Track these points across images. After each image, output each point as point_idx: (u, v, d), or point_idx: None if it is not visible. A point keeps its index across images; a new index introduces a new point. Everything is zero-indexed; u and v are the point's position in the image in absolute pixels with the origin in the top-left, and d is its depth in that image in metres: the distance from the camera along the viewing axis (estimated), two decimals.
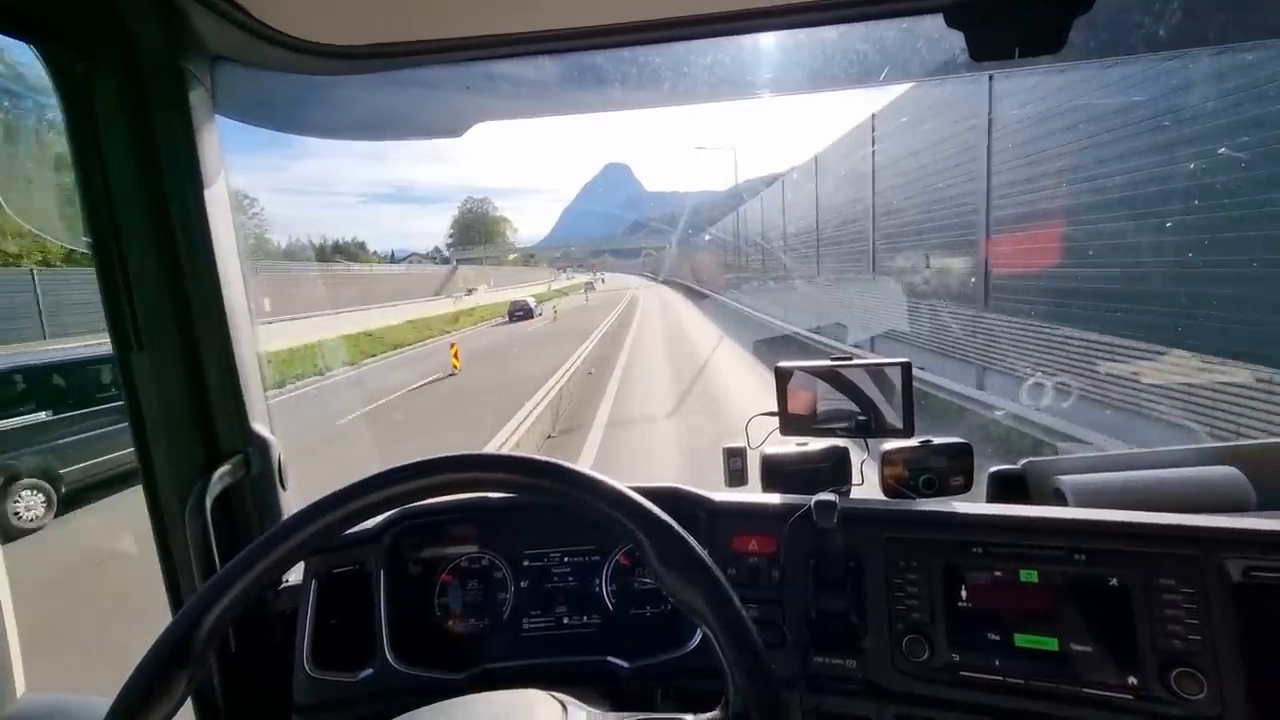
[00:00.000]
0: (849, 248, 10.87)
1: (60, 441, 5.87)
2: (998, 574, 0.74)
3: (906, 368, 0.93)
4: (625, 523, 0.50)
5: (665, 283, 50.02)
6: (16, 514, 5.41)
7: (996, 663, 0.72)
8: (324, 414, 8.91)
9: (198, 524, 0.81)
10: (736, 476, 1.11)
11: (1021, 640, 0.72)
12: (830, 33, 0.97)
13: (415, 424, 8.36)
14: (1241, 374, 3.84)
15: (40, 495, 5.64)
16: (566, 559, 0.98)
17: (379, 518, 0.94)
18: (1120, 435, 4.70)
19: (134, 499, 0.85)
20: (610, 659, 0.85)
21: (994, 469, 1.06)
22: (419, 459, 0.52)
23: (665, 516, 0.49)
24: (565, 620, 0.95)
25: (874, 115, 9.47)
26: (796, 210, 14.22)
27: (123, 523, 4.89)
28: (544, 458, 0.52)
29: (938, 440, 1.03)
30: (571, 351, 12.67)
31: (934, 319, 7.91)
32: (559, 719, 0.50)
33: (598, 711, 0.51)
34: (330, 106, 1.00)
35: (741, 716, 0.46)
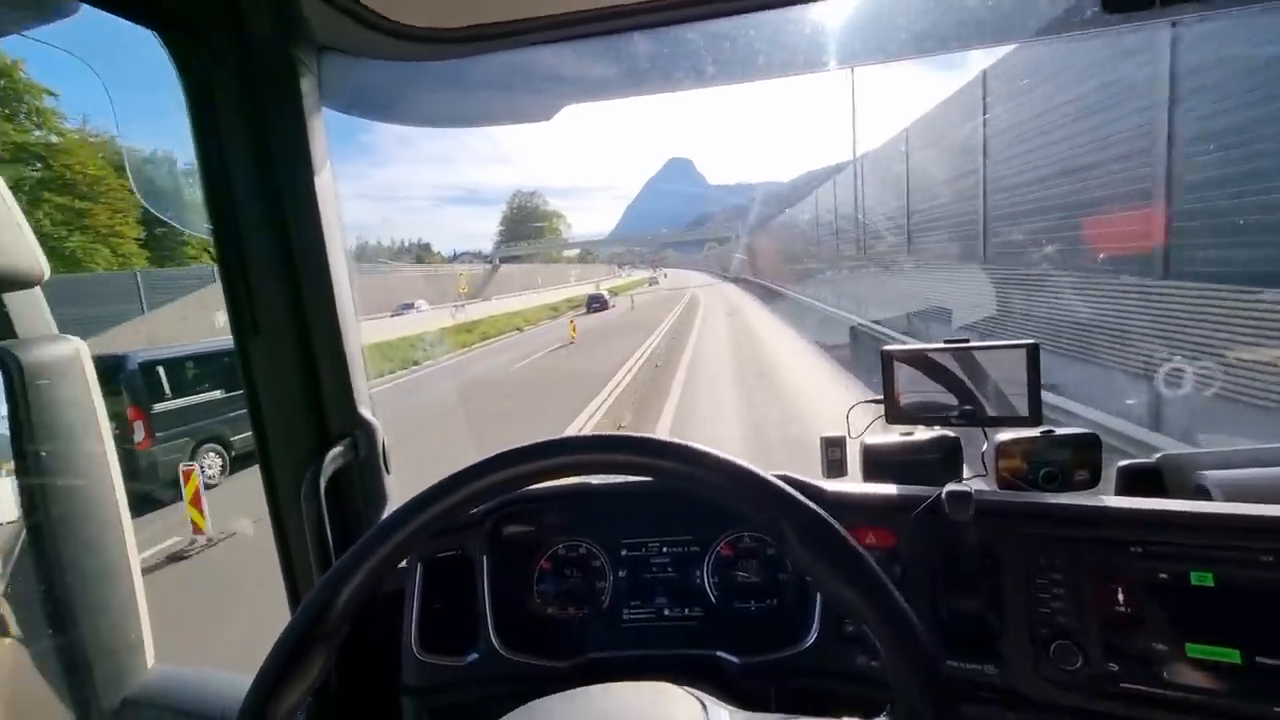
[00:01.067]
0: (953, 229, 9.43)
1: (229, 414, 7.15)
2: (1163, 576, 0.67)
3: (1033, 350, 0.86)
4: (765, 508, 0.47)
5: (734, 280, 45.59)
6: (203, 470, 6.45)
7: (1164, 675, 0.65)
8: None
9: (313, 503, 0.84)
10: (835, 467, 1.06)
11: (1194, 651, 0.64)
12: None
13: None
14: None
15: (217, 457, 7.13)
16: (665, 549, 0.95)
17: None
18: None
19: None
20: (719, 654, 0.82)
21: (1124, 463, 0.97)
22: (556, 437, 0.50)
23: (811, 504, 0.46)
24: (666, 611, 0.93)
25: (985, 71, 7.95)
26: (882, 192, 12.89)
27: None
28: (677, 440, 0.49)
29: (1061, 430, 0.95)
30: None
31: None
32: (699, 717, 0.47)
33: (739, 713, 0.48)
34: (426, 94, 1.01)
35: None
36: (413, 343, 17.83)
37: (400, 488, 0.99)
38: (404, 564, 0.95)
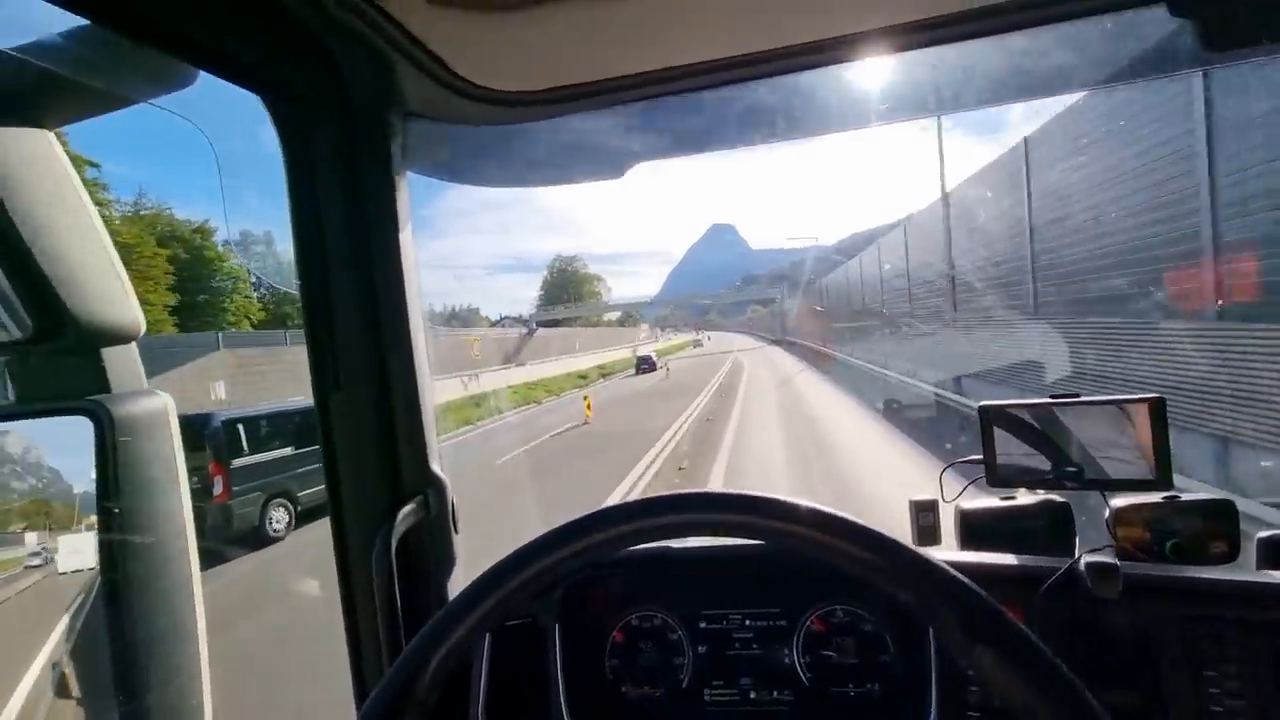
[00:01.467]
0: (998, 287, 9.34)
1: (297, 470, 7.76)
2: None
3: (1158, 404, 0.78)
4: (916, 589, 0.40)
5: (779, 343, 44.39)
6: (271, 523, 7.43)
7: None
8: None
9: (384, 562, 0.81)
10: (927, 534, 0.98)
11: None
12: (1019, 39, 0.89)
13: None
14: None
15: (284, 512, 7.62)
16: (749, 622, 0.88)
17: None
18: None
19: None
20: None
21: (1265, 534, 0.85)
22: (677, 493, 0.46)
23: (977, 588, 0.39)
24: (753, 694, 0.85)
25: (1026, 139, 8.30)
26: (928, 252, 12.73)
27: None
28: (789, 498, 0.44)
29: (1189, 496, 0.85)
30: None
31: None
32: None
33: None
34: (502, 156, 1.04)
35: None
36: None
37: (469, 551, 0.95)
38: None
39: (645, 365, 31.26)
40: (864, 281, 19.60)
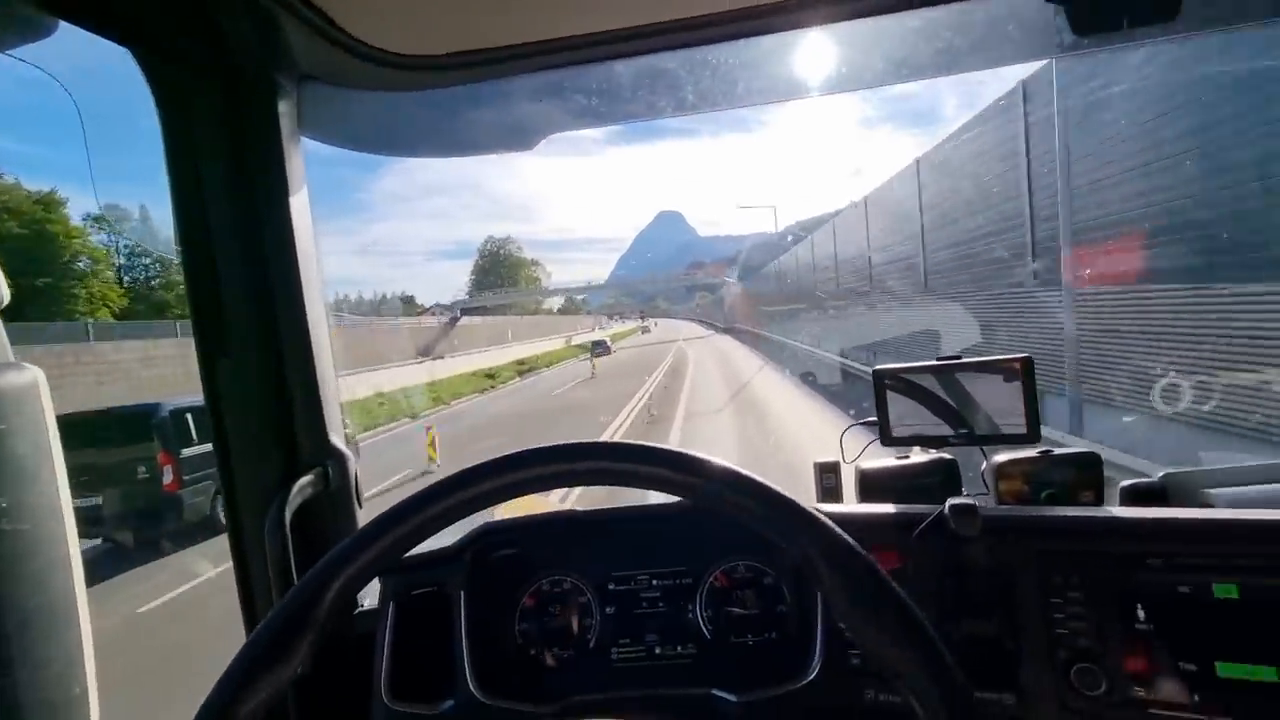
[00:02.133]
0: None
1: None
2: (1184, 590, 0.63)
3: (1028, 364, 0.84)
4: (795, 538, 0.42)
5: (728, 331, 41.11)
6: (223, 512, 6.99)
7: (1195, 698, 0.60)
8: None
9: (277, 536, 0.79)
10: (830, 494, 1.02)
11: (1226, 670, 0.59)
12: (914, 19, 0.93)
13: None
14: None
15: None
16: (655, 581, 0.90)
17: (458, 534, 0.89)
18: None
19: None
20: (715, 692, 0.76)
21: (1127, 483, 0.93)
22: (568, 442, 0.46)
23: (850, 540, 0.42)
24: (658, 649, 0.87)
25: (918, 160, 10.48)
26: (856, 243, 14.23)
27: None
28: (698, 453, 0.45)
29: (1061, 450, 0.93)
30: None
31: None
32: None
33: None
34: (405, 124, 1.01)
35: None
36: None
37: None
38: (376, 604, 0.89)
39: (600, 349, 32.94)
40: (800, 267, 20.63)
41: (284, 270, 0.84)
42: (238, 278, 0.81)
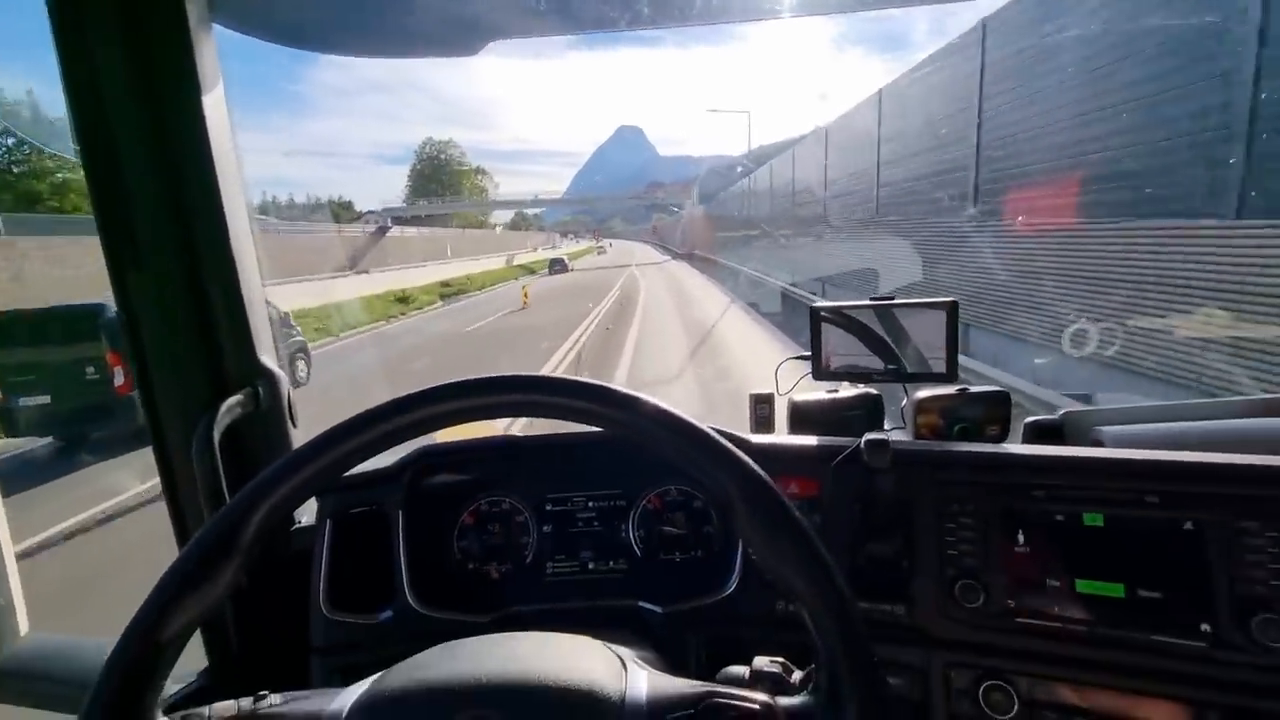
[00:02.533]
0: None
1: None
2: (1059, 518, 0.70)
3: (953, 308, 0.88)
4: (708, 468, 0.45)
5: (686, 257, 37.78)
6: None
7: (1056, 609, 0.69)
8: None
9: (205, 458, 0.77)
10: (763, 424, 1.07)
11: (1084, 586, 0.68)
12: None
13: None
14: None
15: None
16: (591, 503, 0.94)
17: (398, 454, 0.90)
18: None
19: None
20: (642, 604, 0.82)
21: (1030, 419, 1.02)
22: (484, 375, 0.47)
23: (761, 472, 0.44)
24: (591, 565, 0.92)
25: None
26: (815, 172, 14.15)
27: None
28: (628, 390, 0.46)
29: (975, 388, 0.99)
30: None
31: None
32: (618, 676, 0.46)
33: (658, 674, 0.47)
34: (329, 16, 0.91)
35: (833, 702, 0.41)
36: None
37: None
38: (314, 522, 0.90)
39: (558, 266, 34.81)
40: (759, 195, 20.27)
41: (199, 174, 0.78)
42: (147, 183, 0.74)
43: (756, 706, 0.42)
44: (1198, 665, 0.63)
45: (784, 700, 0.43)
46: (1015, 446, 0.81)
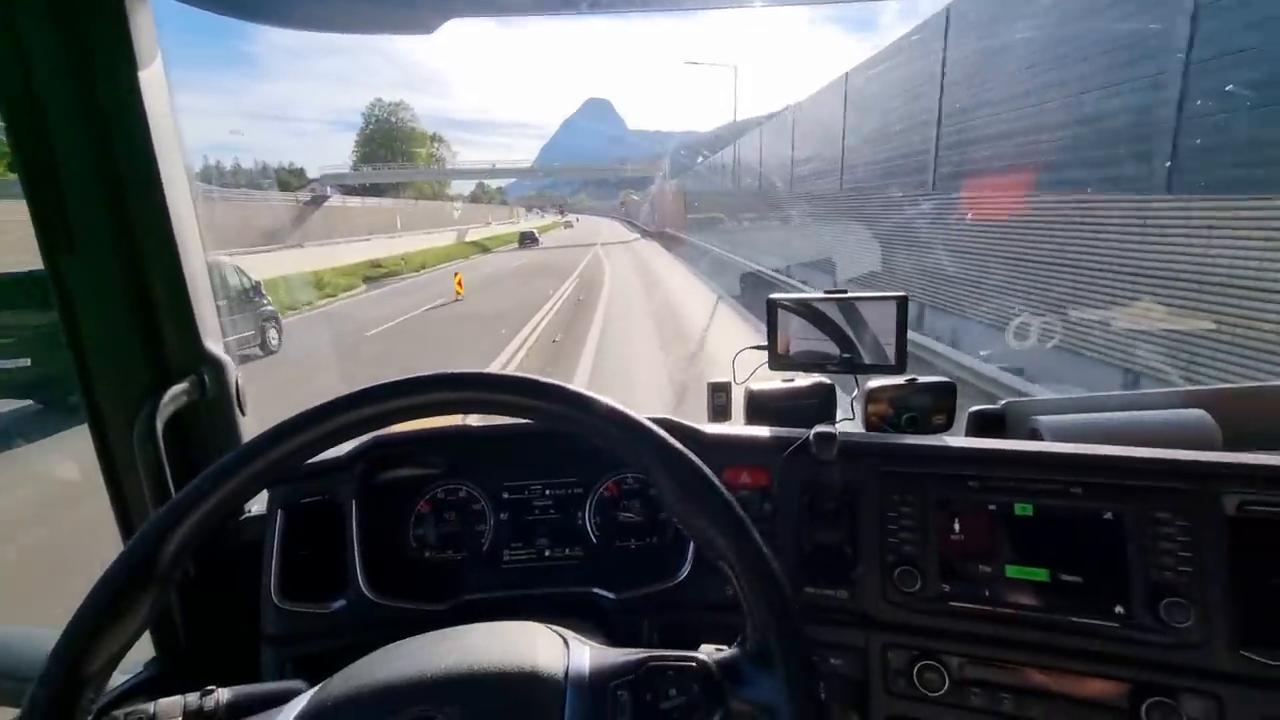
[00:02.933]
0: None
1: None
2: (991, 507, 0.74)
3: (902, 302, 0.90)
4: (639, 453, 0.46)
5: (659, 236, 34.81)
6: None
7: (986, 593, 0.73)
8: None
9: (149, 449, 0.75)
10: (720, 412, 1.09)
11: (1012, 571, 0.73)
12: None
13: None
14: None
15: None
16: (548, 491, 0.95)
17: (350, 445, 0.89)
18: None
19: None
20: (596, 590, 0.84)
21: (974, 409, 1.06)
22: (408, 375, 0.47)
23: (684, 449, 0.46)
24: (547, 552, 0.93)
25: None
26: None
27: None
28: (550, 379, 0.47)
29: (923, 379, 1.02)
30: None
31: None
32: (560, 654, 0.47)
33: (600, 648, 0.49)
34: None
35: (761, 654, 0.44)
36: None
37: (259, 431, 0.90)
38: (264, 512, 0.88)
39: (529, 240, 35.57)
40: (729, 173, 20.27)
41: (138, 153, 0.74)
42: (77, 157, 0.70)
43: (693, 664, 0.44)
44: (1112, 644, 0.68)
45: (717, 655, 0.46)
46: (955, 440, 0.84)
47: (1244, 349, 3.89)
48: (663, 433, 0.46)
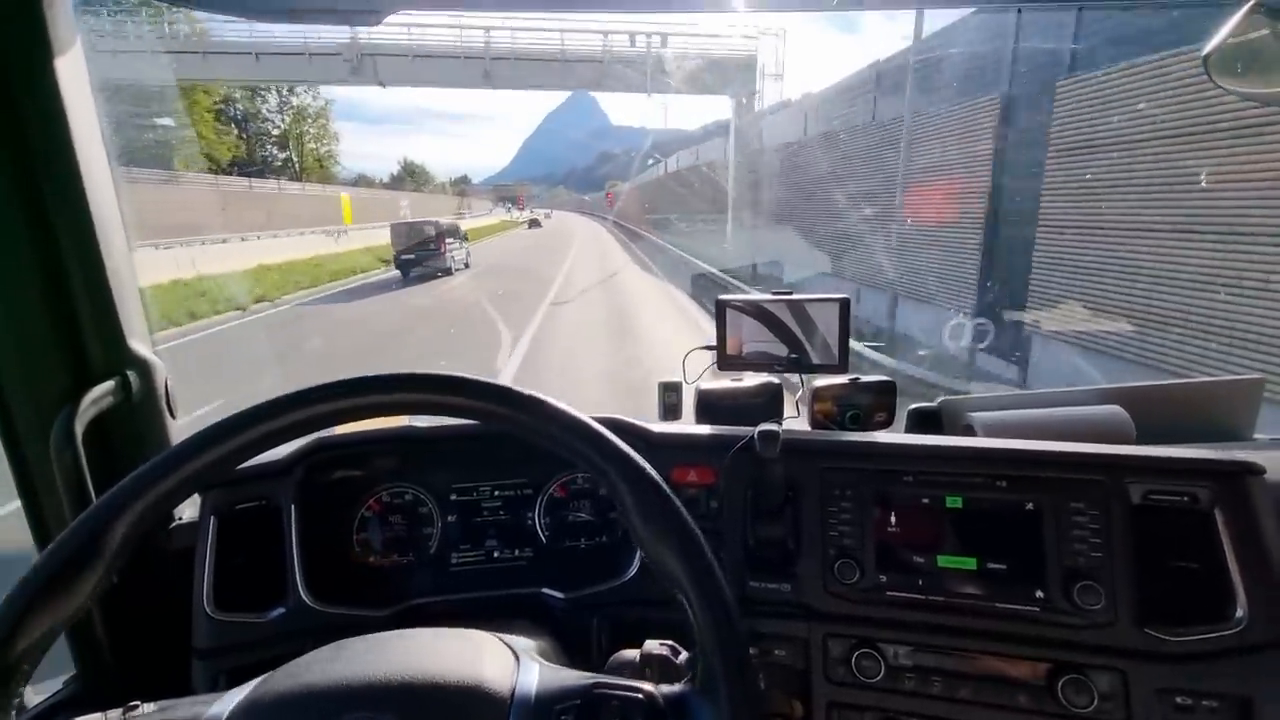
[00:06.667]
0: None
1: None
2: (924, 501, 0.78)
3: (844, 304, 0.93)
4: (601, 466, 0.46)
5: (617, 223, 34.95)
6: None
7: (920, 582, 0.76)
8: None
9: (66, 455, 0.70)
10: (671, 411, 1.10)
11: (943, 561, 0.76)
12: None
13: None
14: None
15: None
16: (498, 492, 0.94)
17: (290, 448, 0.86)
18: None
19: None
20: (545, 591, 0.83)
21: (913, 406, 1.10)
22: (361, 375, 0.46)
23: (647, 466, 0.46)
24: (496, 554, 0.93)
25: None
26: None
27: None
28: (511, 385, 0.47)
29: (865, 378, 1.06)
30: None
31: None
32: (509, 670, 0.46)
33: (551, 667, 0.48)
34: None
35: (708, 691, 0.43)
36: None
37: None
38: (195, 519, 0.84)
39: (534, 225, 40.69)
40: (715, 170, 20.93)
41: (56, 144, 0.69)
42: None
43: (640, 696, 0.44)
44: (1033, 627, 0.72)
45: (665, 688, 0.45)
46: (892, 436, 0.87)
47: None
48: (624, 445, 0.46)
